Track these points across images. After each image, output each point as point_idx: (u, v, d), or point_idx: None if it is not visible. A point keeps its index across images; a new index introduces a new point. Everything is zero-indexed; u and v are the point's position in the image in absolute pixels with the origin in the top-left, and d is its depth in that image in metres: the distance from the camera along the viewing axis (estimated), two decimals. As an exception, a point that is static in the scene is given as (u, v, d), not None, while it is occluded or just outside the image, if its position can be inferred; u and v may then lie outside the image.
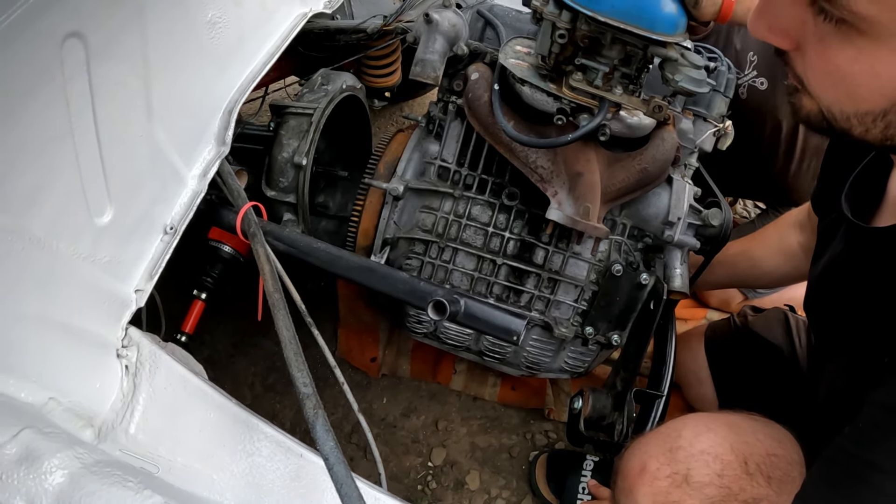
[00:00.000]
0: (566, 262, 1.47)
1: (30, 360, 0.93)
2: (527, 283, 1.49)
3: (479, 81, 1.38)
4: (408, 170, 1.51)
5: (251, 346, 2.08)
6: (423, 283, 1.26)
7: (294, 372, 0.92)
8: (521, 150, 1.33)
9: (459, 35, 1.45)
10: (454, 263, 1.50)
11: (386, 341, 1.97)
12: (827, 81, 0.73)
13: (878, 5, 0.62)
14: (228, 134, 1.24)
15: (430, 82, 1.41)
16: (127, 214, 1.07)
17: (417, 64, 1.40)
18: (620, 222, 1.47)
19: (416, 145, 1.54)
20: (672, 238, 1.42)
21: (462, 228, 1.48)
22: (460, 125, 1.48)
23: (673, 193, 1.43)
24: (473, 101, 1.37)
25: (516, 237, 1.48)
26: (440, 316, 1.19)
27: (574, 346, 1.55)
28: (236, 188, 1.23)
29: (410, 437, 1.91)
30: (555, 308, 1.50)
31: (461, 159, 1.49)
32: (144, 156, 1.10)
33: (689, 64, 1.18)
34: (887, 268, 1.01)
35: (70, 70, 0.92)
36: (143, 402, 0.99)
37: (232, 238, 1.55)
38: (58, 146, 0.94)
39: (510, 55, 1.35)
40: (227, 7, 1.24)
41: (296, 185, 1.57)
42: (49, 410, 0.92)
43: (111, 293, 1.05)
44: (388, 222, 1.50)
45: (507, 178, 1.47)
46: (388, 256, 1.50)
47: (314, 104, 1.59)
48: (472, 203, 1.48)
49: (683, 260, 1.48)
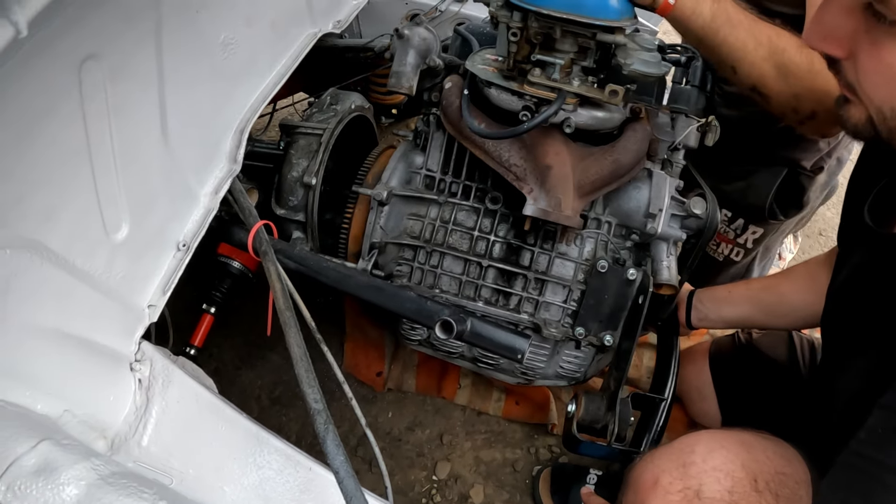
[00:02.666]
0: (552, 263, 1.49)
1: (45, 373, 0.95)
2: (515, 285, 1.51)
3: (452, 89, 1.45)
4: (392, 178, 1.56)
5: (258, 359, 2.09)
6: (429, 303, 1.28)
7: (305, 388, 0.94)
8: (493, 149, 1.37)
9: (431, 48, 1.54)
10: (442, 268, 1.53)
11: (391, 356, 1.99)
12: (879, 80, 0.78)
13: None
14: (240, 152, 1.26)
15: (404, 92, 1.50)
16: (141, 231, 1.09)
17: (392, 76, 1.50)
18: (605, 220, 1.50)
19: (401, 156, 1.59)
20: (655, 230, 1.44)
21: (448, 233, 1.52)
22: (442, 135, 1.53)
23: (653, 185, 1.46)
24: (447, 107, 1.43)
25: (501, 240, 1.51)
26: (447, 335, 1.21)
27: (567, 349, 1.56)
28: (248, 206, 1.25)
29: (415, 450, 1.92)
30: (544, 309, 1.51)
31: (445, 168, 1.54)
32: (159, 173, 1.12)
33: (640, 47, 1.22)
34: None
35: (88, 90, 0.95)
36: (156, 416, 1.00)
37: (241, 254, 1.58)
38: (75, 164, 0.96)
39: (478, 62, 1.42)
40: (239, 28, 1.27)
41: (305, 203, 1.60)
42: (64, 422, 0.94)
43: (125, 308, 1.07)
44: (374, 227, 1.54)
45: (489, 184, 1.51)
46: (377, 261, 1.54)
47: (323, 124, 1.62)
48: (458, 209, 1.53)
49: (670, 252, 1.48)
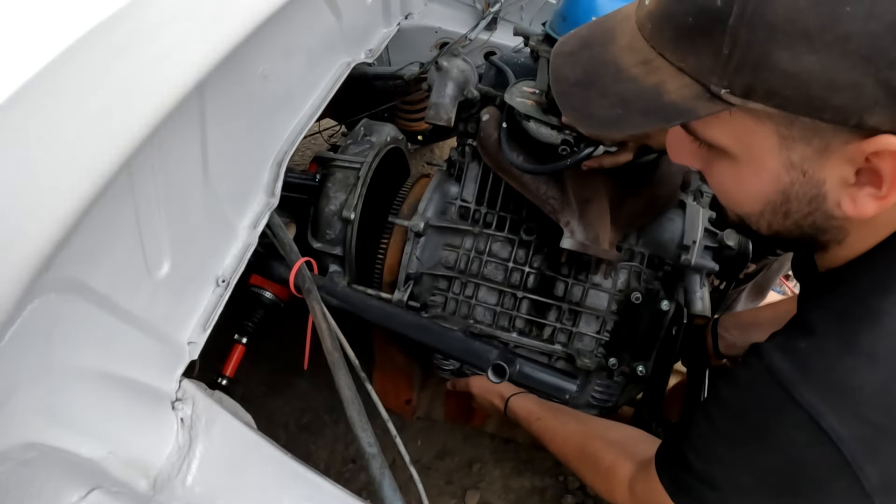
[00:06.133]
0: (586, 293, 1.49)
1: (89, 415, 0.93)
2: (548, 315, 1.51)
3: (489, 122, 1.45)
4: (429, 209, 1.56)
5: (286, 386, 2.09)
6: (477, 343, 1.27)
7: (359, 432, 0.92)
8: (531, 183, 1.37)
9: (468, 80, 1.56)
10: (476, 298, 1.53)
11: (420, 384, 1.97)
12: (719, 192, 0.88)
13: (727, 136, 0.76)
14: (278, 185, 1.26)
15: (443, 124, 1.51)
16: (182, 267, 1.08)
17: (431, 108, 1.52)
18: (638, 251, 1.50)
19: (436, 186, 1.59)
20: (689, 262, 1.43)
21: (483, 264, 1.52)
22: (478, 166, 1.53)
23: (687, 218, 1.47)
24: (485, 139, 1.44)
25: (536, 271, 1.50)
26: (500, 379, 1.22)
27: (599, 378, 1.54)
28: (288, 241, 1.25)
29: (444, 478, 1.91)
30: (577, 340, 1.51)
31: (480, 198, 1.54)
32: (199, 209, 1.12)
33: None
34: None
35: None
36: (200, 455, 0.99)
37: (272, 284, 1.57)
38: (118, 203, 0.95)
39: (516, 95, 1.41)
40: (277, 60, 1.27)
41: (343, 237, 1.60)
42: (108, 464, 0.92)
43: (166, 346, 1.06)
44: (410, 258, 1.54)
45: (524, 215, 1.51)
46: (412, 291, 1.53)
47: (360, 157, 1.62)
48: (493, 240, 1.52)
49: (703, 283, 1.48)
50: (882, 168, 0.68)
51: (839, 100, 0.64)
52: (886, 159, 0.67)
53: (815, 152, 0.71)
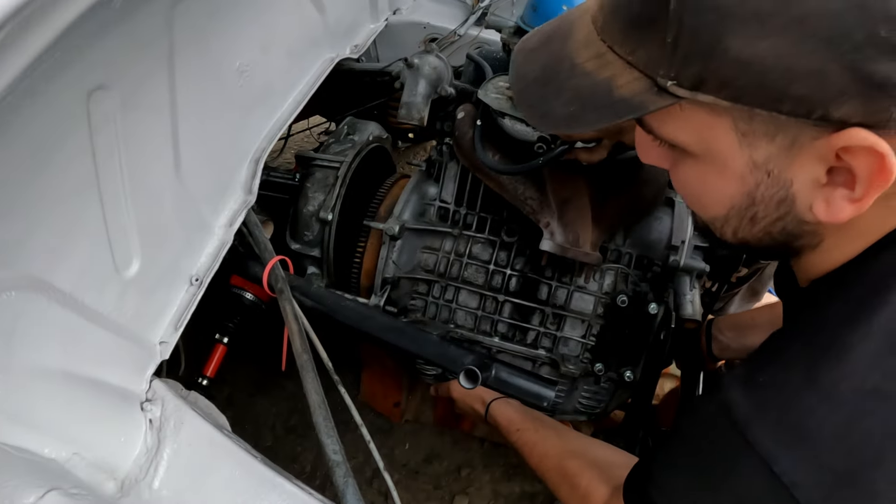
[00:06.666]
0: (571, 297, 1.44)
1: (53, 416, 0.91)
2: (532, 319, 1.47)
3: (464, 119, 1.40)
4: (405, 211, 1.52)
5: (273, 387, 2.06)
6: (452, 347, 1.25)
7: (324, 438, 0.90)
8: (509, 183, 1.33)
9: (442, 77, 1.51)
10: (457, 302, 1.49)
11: (409, 387, 1.95)
12: (684, 194, 0.84)
13: (684, 133, 0.71)
14: (255, 183, 1.23)
15: (415, 124, 1.47)
16: (153, 266, 1.05)
17: (403, 107, 1.47)
18: (625, 252, 1.46)
19: (414, 187, 1.56)
20: (678, 262, 1.39)
21: (464, 267, 1.48)
22: (456, 165, 1.50)
23: (675, 216, 1.43)
24: (460, 138, 1.40)
25: (518, 273, 1.46)
26: (472, 384, 1.18)
27: (587, 384, 1.50)
28: (263, 240, 1.22)
29: (433, 483, 1.89)
30: (562, 345, 1.47)
31: (459, 199, 1.50)
32: (171, 206, 1.09)
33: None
34: None
35: (97, 121, 0.91)
36: (168, 458, 0.96)
37: (253, 285, 1.55)
38: (83, 199, 0.93)
39: (491, 91, 1.37)
40: (255, 55, 1.25)
41: (321, 239, 1.57)
42: (73, 466, 0.90)
43: (136, 345, 1.04)
44: (386, 262, 1.50)
45: (505, 216, 1.47)
46: (390, 296, 1.50)
47: (340, 157, 1.59)
48: (473, 241, 1.48)
49: (693, 285, 1.43)
50: (855, 166, 0.62)
51: (799, 89, 0.59)
52: (859, 156, 0.61)
53: (781, 150, 0.66)
